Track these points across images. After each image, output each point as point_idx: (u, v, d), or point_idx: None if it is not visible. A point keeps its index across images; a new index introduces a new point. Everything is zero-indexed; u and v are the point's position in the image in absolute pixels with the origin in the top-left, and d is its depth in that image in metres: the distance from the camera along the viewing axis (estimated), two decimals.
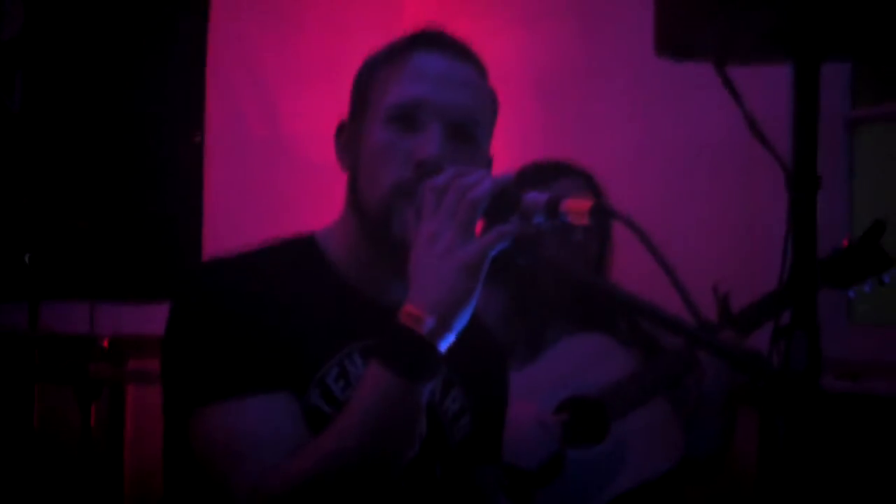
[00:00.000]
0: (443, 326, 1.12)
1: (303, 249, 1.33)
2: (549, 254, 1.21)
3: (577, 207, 1.08)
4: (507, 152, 3.33)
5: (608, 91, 3.05)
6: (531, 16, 3.33)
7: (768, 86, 1.99)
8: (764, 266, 2.14)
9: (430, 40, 1.30)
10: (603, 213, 1.06)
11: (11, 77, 3.44)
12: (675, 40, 1.70)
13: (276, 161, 3.74)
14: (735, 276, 2.22)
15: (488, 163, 1.33)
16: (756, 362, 1.00)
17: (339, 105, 1.40)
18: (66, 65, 3.53)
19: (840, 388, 2.39)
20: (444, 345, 1.13)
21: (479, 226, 1.16)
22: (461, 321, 1.13)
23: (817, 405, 1.22)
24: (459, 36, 1.33)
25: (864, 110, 2.71)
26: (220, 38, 3.75)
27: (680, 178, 2.80)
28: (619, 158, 2.85)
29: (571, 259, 2.07)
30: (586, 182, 2.19)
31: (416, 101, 1.25)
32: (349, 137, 1.33)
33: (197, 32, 3.74)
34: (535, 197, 1.13)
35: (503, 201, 1.15)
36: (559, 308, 2.16)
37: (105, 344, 3.19)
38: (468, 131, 1.26)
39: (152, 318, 1.28)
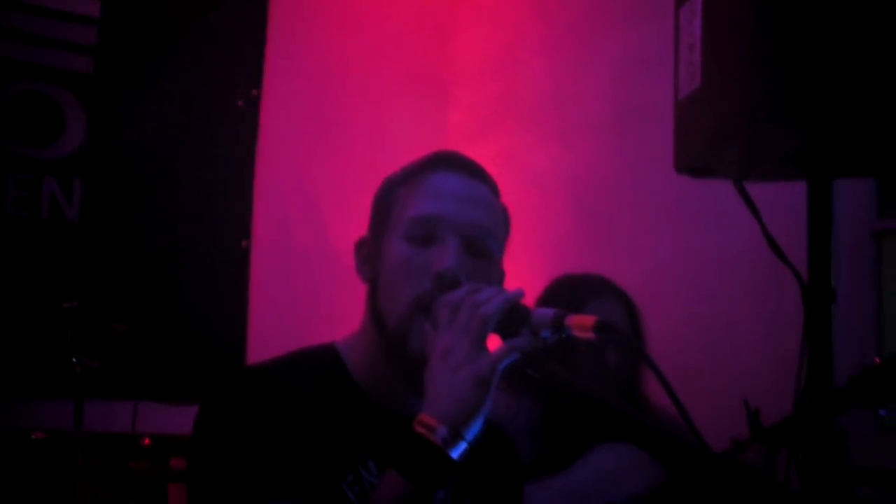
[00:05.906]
0: (455, 435, 1.16)
1: (325, 359, 1.38)
2: (556, 368, 1.24)
3: (580, 322, 1.14)
4: (544, 258, 3.40)
5: (639, 204, 3.11)
6: (566, 132, 3.44)
7: (794, 197, 2.02)
8: (792, 378, 2.14)
9: (446, 161, 1.37)
10: (605, 330, 1.11)
11: (71, 186, 3.61)
12: (693, 161, 1.77)
13: (320, 267, 3.83)
14: (764, 388, 2.22)
15: (501, 276, 1.38)
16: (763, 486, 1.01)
17: None
18: (122, 173, 3.70)
19: (875, 497, 2.35)
20: (457, 453, 1.17)
21: (492, 339, 1.21)
22: (473, 430, 1.18)
23: None
24: (492, 149, 1.40)
25: (890, 221, 2.73)
26: (269, 148, 3.91)
27: (707, 288, 2.83)
28: (648, 269, 2.88)
29: (604, 379, 2.09)
30: (622, 303, 2.22)
31: (434, 218, 1.31)
32: (369, 252, 1.40)
33: (247, 141, 3.90)
34: (542, 312, 1.19)
35: (514, 316, 1.20)
36: (587, 418, 2.17)
37: (146, 442, 3.24)
38: (483, 246, 1.33)
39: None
